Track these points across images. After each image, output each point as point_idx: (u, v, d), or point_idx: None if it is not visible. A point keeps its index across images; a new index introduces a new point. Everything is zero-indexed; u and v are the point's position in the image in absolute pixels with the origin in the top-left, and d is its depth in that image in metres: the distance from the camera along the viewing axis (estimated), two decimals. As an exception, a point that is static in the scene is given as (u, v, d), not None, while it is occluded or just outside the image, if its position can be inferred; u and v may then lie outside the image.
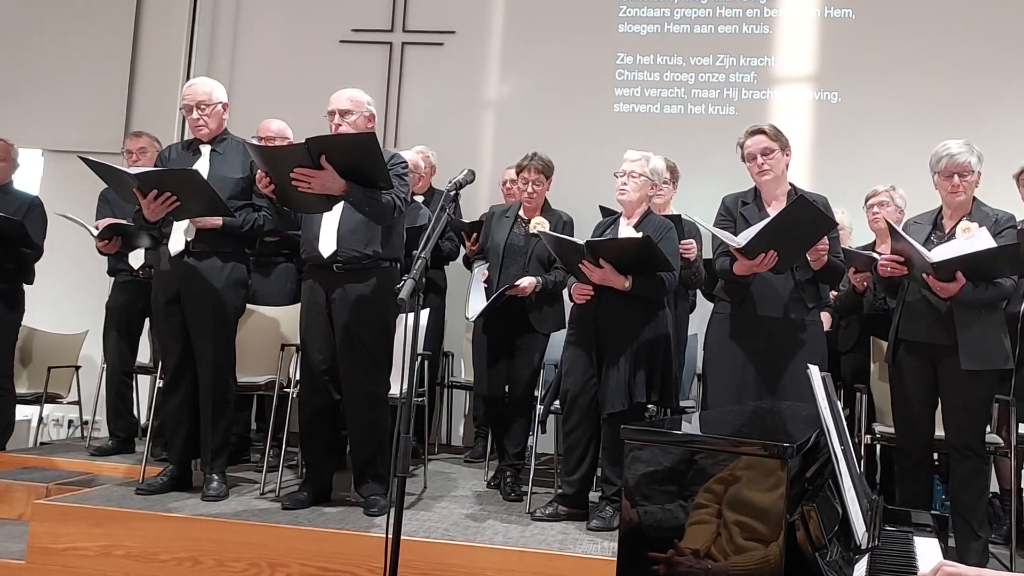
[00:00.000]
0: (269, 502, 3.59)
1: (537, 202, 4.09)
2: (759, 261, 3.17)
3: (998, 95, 5.21)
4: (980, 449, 3.31)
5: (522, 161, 4.06)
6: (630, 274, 3.42)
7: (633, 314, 3.47)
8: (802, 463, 1.67)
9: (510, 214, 4.14)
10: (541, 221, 4.04)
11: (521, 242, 4.06)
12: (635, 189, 3.57)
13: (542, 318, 4.05)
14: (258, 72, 5.99)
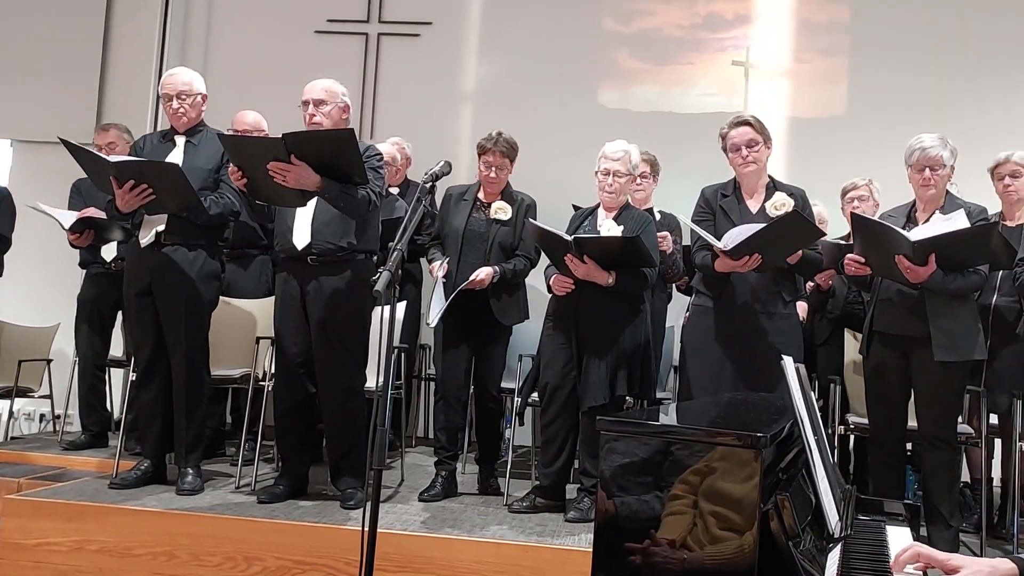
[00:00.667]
0: (245, 496, 3.57)
1: (499, 186, 3.80)
2: (743, 263, 3.19)
3: (974, 88, 5.27)
4: (952, 439, 3.35)
5: (485, 142, 3.74)
6: (613, 269, 3.42)
7: (614, 308, 3.48)
8: (776, 453, 1.68)
9: (468, 197, 3.83)
10: (503, 206, 3.76)
11: (482, 228, 3.76)
12: (620, 190, 3.57)
13: (503, 308, 3.78)
14: (232, 62, 5.92)
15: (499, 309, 3.76)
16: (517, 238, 3.75)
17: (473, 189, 3.83)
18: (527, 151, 4.02)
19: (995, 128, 4.97)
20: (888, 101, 5.33)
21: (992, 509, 3.89)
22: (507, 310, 3.80)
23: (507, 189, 3.82)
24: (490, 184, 3.76)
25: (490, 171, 3.73)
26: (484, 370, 3.84)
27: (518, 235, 3.75)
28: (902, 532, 2.07)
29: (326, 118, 3.50)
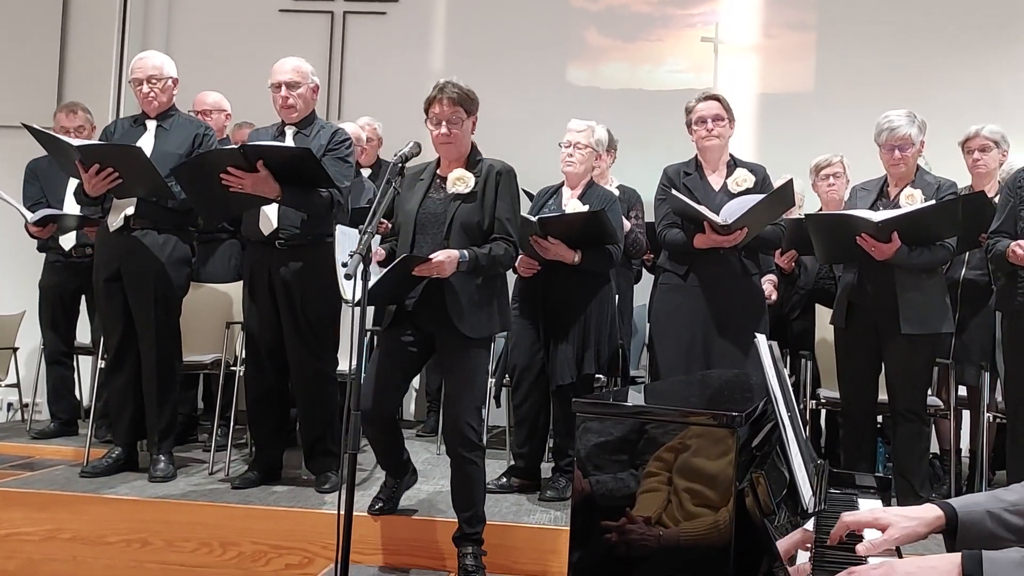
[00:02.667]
0: (218, 482, 3.54)
1: (458, 148, 2.92)
2: (734, 237, 3.20)
3: (942, 62, 5.31)
4: (921, 411, 3.41)
5: (432, 92, 2.90)
6: (578, 248, 3.42)
7: (580, 287, 3.49)
8: (751, 431, 1.69)
9: (426, 175, 2.98)
10: (463, 176, 2.90)
11: (439, 207, 2.90)
12: (581, 161, 3.58)
13: (473, 320, 2.83)
14: (195, 42, 5.81)
15: (466, 320, 2.82)
16: (487, 216, 2.88)
17: (431, 166, 3.01)
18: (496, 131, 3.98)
19: (964, 102, 5.01)
20: (856, 76, 5.35)
21: (961, 479, 3.96)
22: (476, 321, 2.84)
23: (473, 155, 2.98)
24: (445, 146, 2.91)
25: (440, 126, 2.87)
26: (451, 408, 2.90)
27: (488, 212, 2.88)
28: (873, 504, 2.10)
29: (300, 99, 3.45)
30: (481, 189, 2.89)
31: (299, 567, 3.07)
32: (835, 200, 4.19)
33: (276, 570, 3.08)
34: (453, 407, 2.85)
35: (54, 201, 4.28)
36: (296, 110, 3.46)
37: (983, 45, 5.32)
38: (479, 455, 2.87)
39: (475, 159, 2.96)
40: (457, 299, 2.79)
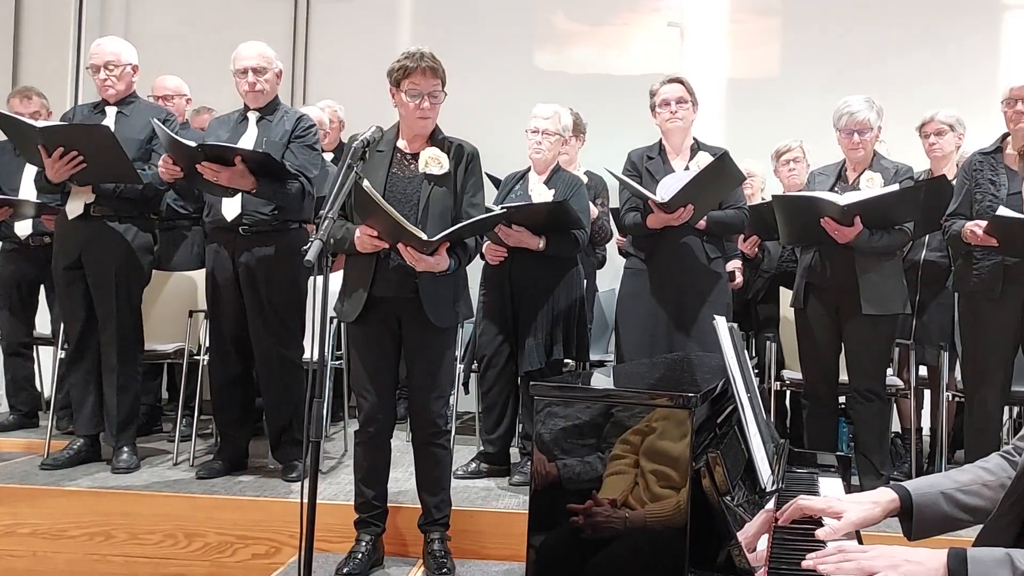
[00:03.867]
0: (183, 472, 3.51)
1: (430, 125, 2.78)
2: (677, 215, 3.22)
3: (903, 49, 5.36)
4: (881, 391, 3.46)
5: (406, 61, 2.69)
6: (543, 234, 3.42)
7: (546, 273, 3.50)
8: (711, 411, 1.71)
9: (384, 147, 2.76)
10: (435, 155, 2.74)
11: (408, 187, 2.74)
12: (549, 148, 3.58)
13: (441, 308, 2.76)
14: (155, 25, 5.70)
15: (436, 310, 2.75)
16: (458, 200, 2.79)
17: (390, 136, 2.79)
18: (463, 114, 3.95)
19: (926, 88, 5.07)
20: (820, 61, 5.39)
21: (921, 458, 4.03)
22: (444, 309, 2.78)
23: (436, 132, 2.82)
24: (422, 123, 2.74)
25: (421, 100, 2.69)
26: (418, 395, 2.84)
27: (459, 196, 2.79)
28: (834, 483, 2.13)
29: (267, 84, 3.43)
30: (453, 171, 2.78)
31: (266, 557, 3.05)
32: (796, 185, 4.23)
33: (242, 560, 3.06)
34: (420, 394, 2.82)
35: (8, 189, 4.18)
36: (264, 94, 3.44)
37: (945, 33, 5.38)
38: (446, 440, 2.87)
39: (439, 137, 2.83)
40: (428, 290, 2.72)
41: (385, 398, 2.81)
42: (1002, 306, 3.19)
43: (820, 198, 3.31)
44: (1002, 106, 3.26)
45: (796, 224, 3.45)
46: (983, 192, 3.26)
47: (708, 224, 3.35)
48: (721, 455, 1.43)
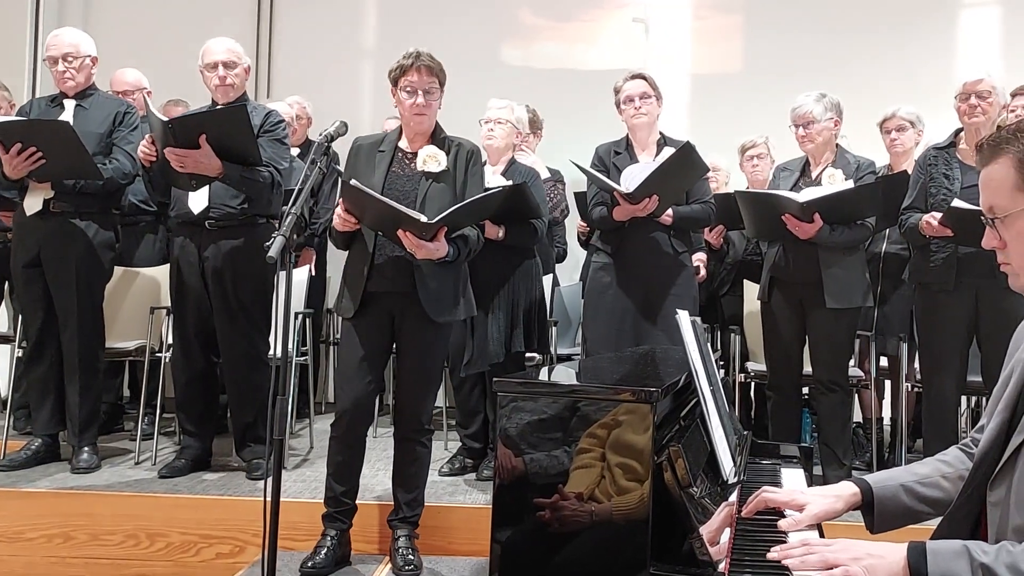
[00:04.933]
0: (145, 471, 3.46)
1: (429, 123, 2.81)
2: (642, 206, 3.23)
3: (865, 46, 5.42)
4: (844, 383, 3.51)
5: (404, 61, 2.75)
6: (502, 223, 3.42)
7: (504, 264, 3.51)
8: (674, 404, 1.72)
9: (386, 147, 2.82)
10: (434, 153, 2.77)
11: (407, 184, 2.76)
12: (502, 136, 3.62)
13: (440, 304, 2.74)
14: (115, 17, 5.60)
15: (433, 303, 2.73)
16: (457, 198, 2.77)
17: (392, 137, 2.86)
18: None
19: (886, 84, 5.13)
20: (782, 58, 5.44)
21: (883, 447, 4.10)
22: (443, 303, 2.76)
23: (437, 132, 2.86)
24: (418, 120, 2.77)
25: (416, 96, 2.73)
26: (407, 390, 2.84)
27: (459, 194, 2.78)
28: (796, 474, 2.16)
29: (237, 79, 3.40)
30: (451, 168, 2.79)
31: (230, 556, 3.02)
32: (760, 181, 4.28)
33: (206, 560, 3.03)
34: (408, 390, 2.81)
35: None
36: (234, 89, 3.41)
37: (905, 31, 5.46)
38: (428, 438, 2.86)
39: (440, 136, 2.84)
40: (426, 283, 2.70)
41: (365, 394, 2.78)
42: (956, 297, 3.25)
43: (780, 195, 3.35)
44: (955, 101, 3.30)
45: (760, 220, 3.50)
46: (937, 186, 3.31)
47: (675, 219, 3.36)
48: (683, 448, 1.43)
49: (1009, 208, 1.30)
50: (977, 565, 1.13)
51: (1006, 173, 1.30)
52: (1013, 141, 1.29)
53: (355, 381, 2.76)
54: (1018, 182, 1.28)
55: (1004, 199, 1.30)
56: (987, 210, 1.35)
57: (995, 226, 1.33)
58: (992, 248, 1.36)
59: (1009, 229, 1.31)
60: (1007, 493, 1.29)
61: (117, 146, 3.46)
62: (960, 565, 1.14)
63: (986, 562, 1.13)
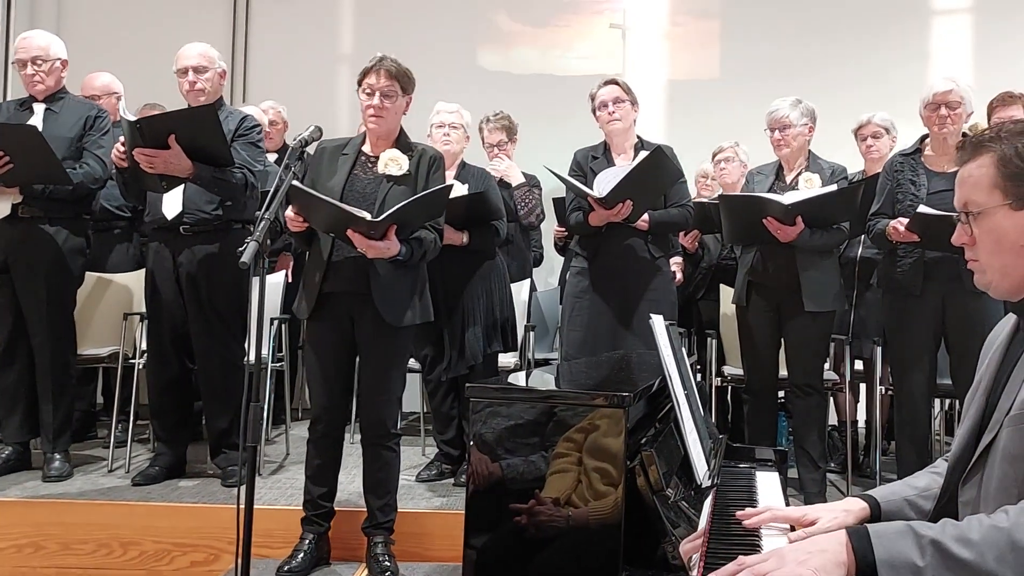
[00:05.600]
0: (118, 479, 3.42)
1: (387, 125, 2.81)
2: (616, 211, 3.24)
3: (840, 53, 5.48)
4: (819, 385, 3.53)
5: (368, 63, 2.80)
6: (465, 228, 3.43)
7: (472, 268, 3.51)
8: (648, 408, 1.72)
9: (349, 151, 2.84)
10: (396, 156, 2.78)
11: (368, 187, 2.76)
12: (458, 140, 3.64)
13: (397, 308, 2.74)
14: (89, 21, 5.55)
15: (388, 305, 2.73)
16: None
17: (356, 141, 2.88)
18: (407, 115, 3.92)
19: (860, 90, 5.19)
20: (758, 64, 5.48)
21: (857, 450, 4.13)
22: (397, 304, 2.75)
23: (401, 137, 2.87)
24: (373, 121, 2.78)
25: (372, 97, 2.75)
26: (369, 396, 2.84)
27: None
28: (771, 477, 2.17)
29: (208, 83, 3.38)
30: (414, 172, 2.79)
31: (204, 564, 2.99)
32: (728, 184, 4.32)
33: (180, 568, 3.00)
34: (371, 395, 2.81)
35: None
36: (205, 94, 3.38)
37: (878, 37, 5.52)
38: (395, 443, 2.86)
39: (405, 141, 2.87)
40: (381, 286, 2.71)
41: (336, 396, 2.81)
42: (923, 301, 3.29)
43: (765, 198, 3.36)
44: (924, 109, 3.32)
45: (739, 223, 3.50)
46: (904, 192, 3.35)
47: (651, 224, 3.37)
48: (657, 452, 1.44)
49: (984, 204, 1.31)
50: (927, 541, 1.13)
51: (985, 170, 1.31)
52: (996, 141, 1.31)
53: (324, 383, 2.79)
54: (996, 179, 1.30)
55: (981, 195, 1.32)
56: (961, 206, 1.36)
57: (968, 222, 1.34)
58: (962, 244, 1.37)
59: (981, 225, 1.32)
60: (977, 492, 1.30)
61: (88, 151, 3.42)
62: (906, 544, 1.13)
63: (933, 536, 1.13)
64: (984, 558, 1.10)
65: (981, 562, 1.09)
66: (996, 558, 1.09)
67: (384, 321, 2.71)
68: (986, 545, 1.10)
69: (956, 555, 1.11)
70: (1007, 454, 1.25)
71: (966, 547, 1.11)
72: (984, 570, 1.09)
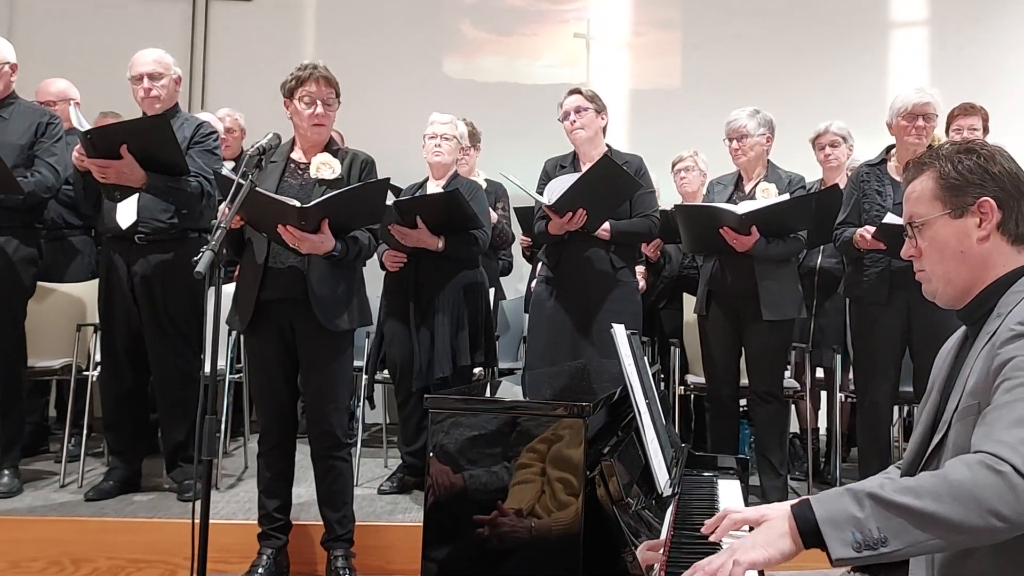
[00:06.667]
0: (70, 494, 3.33)
1: (326, 134, 2.82)
2: (568, 219, 3.24)
3: (798, 63, 5.56)
4: (779, 393, 3.56)
5: (300, 72, 2.76)
6: (442, 233, 3.40)
7: (449, 276, 3.47)
8: (611, 418, 1.71)
9: (278, 157, 2.79)
10: (327, 160, 2.76)
11: (299, 193, 2.70)
12: (449, 152, 3.61)
13: (334, 313, 2.70)
14: (43, 26, 5.43)
15: (325, 310, 2.69)
16: None
17: (284, 148, 2.81)
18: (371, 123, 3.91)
19: (818, 100, 5.26)
20: (719, 74, 5.54)
21: (818, 457, 4.17)
22: (333, 308, 2.71)
23: (331, 143, 2.87)
24: (316, 130, 2.76)
25: (314, 106, 2.73)
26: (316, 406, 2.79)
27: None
28: (732, 485, 2.18)
29: (163, 91, 3.33)
30: (346, 176, 2.78)
31: (160, 580, 2.92)
32: (687, 193, 4.36)
33: (135, 584, 2.93)
34: (317, 405, 2.77)
35: None
36: (160, 101, 3.33)
37: (836, 47, 5.61)
38: (347, 453, 2.82)
39: (334, 147, 2.86)
40: (317, 292, 2.67)
41: (283, 408, 2.78)
42: (890, 310, 3.32)
43: (719, 207, 3.40)
44: (897, 119, 3.32)
45: (697, 233, 3.53)
46: (871, 202, 3.39)
47: (613, 235, 3.37)
48: (617, 462, 1.43)
49: (926, 215, 1.43)
50: (863, 494, 1.17)
51: (927, 185, 1.43)
52: (936, 159, 1.44)
53: (271, 395, 2.76)
54: (936, 192, 1.42)
55: (923, 207, 1.43)
56: (907, 220, 1.47)
57: (913, 235, 1.45)
58: (910, 257, 1.48)
59: (925, 236, 1.43)
60: None
61: (39, 158, 3.34)
62: (844, 500, 1.18)
63: (869, 490, 1.17)
64: (921, 498, 1.14)
65: (919, 502, 1.14)
66: (933, 497, 1.14)
67: (324, 327, 2.67)
68: (922, 488, 1.16)
69: (893, 500, 1.15)
70: (956, 448, 1.30)
71: (902, 492, 1.16)
72: (921, 509, 1.14)
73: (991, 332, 1.33)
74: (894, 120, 3.35)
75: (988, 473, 1.13)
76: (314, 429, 2.79)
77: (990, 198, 1.37)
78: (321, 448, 2.77)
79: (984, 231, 1.38)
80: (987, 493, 1.12)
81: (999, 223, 1.38)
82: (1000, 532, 1.13)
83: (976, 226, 1.38)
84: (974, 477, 1.14)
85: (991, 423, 1.20)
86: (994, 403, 1.23)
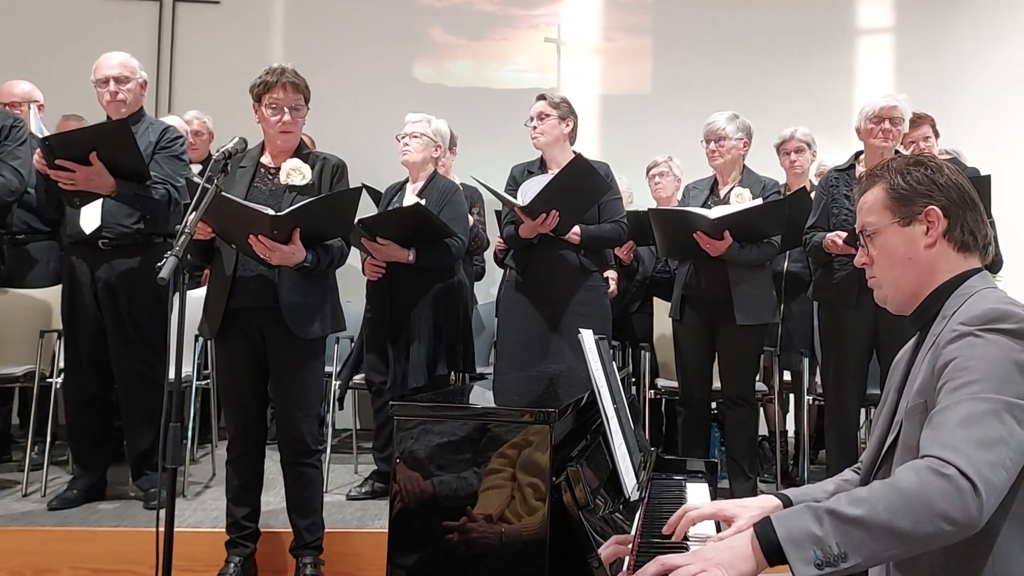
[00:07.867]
0: (33, 504, 3.27)
1: (295, 140, 2.78)
2: (541, 221, 3.24)
3: (767, 70, 5.61)
4: (751, 397, 3.58)
5: (267, 77, 2.71)
6: (413, 245, 3.37)
7: (426, 285, 3.45)
8: (579, 423, 1.71)
9: (247, 163, 2.75)
10: (298, 166, 2.72)
11: (269, 199, 2.67)
12: (418, 149, 3.55)
13: (305, 320, 2.68)
14: (4, 26, 5.34)
15: (296, 318, 2.66)
16: None
17: (254, 153, 2.77)
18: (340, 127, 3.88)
19: (786, 105, 5.31)
20: (689, 80, 5.58)
21: (787, 459, 4.20)
22: (304, 318, 2.68)
23: (301, 147, 2.82)
24: (284, 137, 2.73)
25: (282, 114, 2.69)
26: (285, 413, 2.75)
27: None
28: (701, 488, 2.18)
29: (129, 94, 3.28)
30: (316, 182, 2.75)
31: (126, 590, 2.87)
32: (662, 198, 4.37)
33: (99, 595, 2.88)
34: (286, 412, 2.74)
35: None
36: (126, 105, 3.29)
37: (804, 53, 5.68)
38: (316, 460, 2.80)
39: (304, 151, 2.82)
40: (288, 298, 2.65)
41: (252, 416, 2.77)
42: (858, 313, 3.35)
43: (692, 212, 3.42)
44: (865, 122, 3.34)
45: (671, 237, 3.55)
46: (839, 207, 3.43)
47: (583, 239, 3.37)
48: (584, 467, 1.43)
49: (877, 224, 1.48)
50: (822, 511, 1.20)
51: (877, 195, 1.50)
52: (886, 171, 1.50)
53: (239, 403, 2.75)
54: (886, 202, 1.48)
55: (874, 216, 1.49)
56: (860, 229, 1.52)
57: (865, 243, 1.51)
58: (862, 264, 1.53)
59: (876, 243, 1.49)
60: None
61: (2, 161, 3.28)
62: (804, 519, 1.20)
63: (827, 506, 1.20)
64: (875, 510, 1.18)
65: (873, 514, 1.17)
66: (886, 508, 1.18)
67: (294, 334, 2.65)
68: (875, 499, 1.19)
69: (849, 515, 1.18)
70: (906, 446, 1.35)
71: (857, 506, 1.19)
72: (876, 521, 1.17)
73: (936, 334, 1.39)
74: (862, 124, 3.38)
75: (935, 478, 1.17)
76: (284, 436, 2.76)
77: (937, 207, 1.43)
78: (291, 455, 2.75)
79: (931, 238, 1.44)
80: (935, 498, 1.16)
81: (945, 230, 1.43)
82: (950, 536, 1.17)
83: (923, 233, 1.44)
84: (922, 483, 1.18)
85: (936, 426, 1.25)
86: (939, 405, 1.27)
